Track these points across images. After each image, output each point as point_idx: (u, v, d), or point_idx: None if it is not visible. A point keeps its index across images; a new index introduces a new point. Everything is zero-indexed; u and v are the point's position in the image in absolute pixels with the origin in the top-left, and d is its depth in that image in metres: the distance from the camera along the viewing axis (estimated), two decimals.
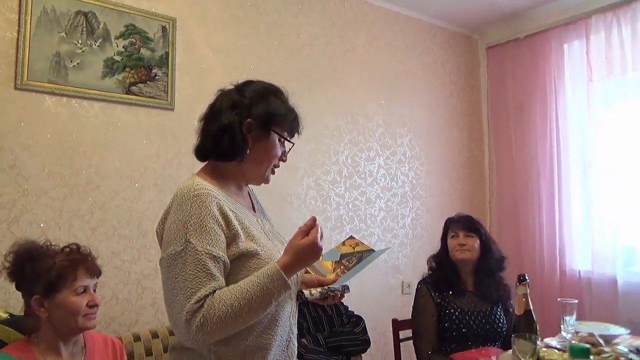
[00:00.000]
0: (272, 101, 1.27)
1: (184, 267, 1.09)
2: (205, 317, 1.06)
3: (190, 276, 1.08)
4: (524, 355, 1.50)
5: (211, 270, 1.10)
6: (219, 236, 1.13)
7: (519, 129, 3.52)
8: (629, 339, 1.99)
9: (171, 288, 1.10)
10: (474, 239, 2.28)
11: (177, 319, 1.08)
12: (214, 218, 1.13)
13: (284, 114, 1.27)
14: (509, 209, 3.59)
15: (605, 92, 3.08)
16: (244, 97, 1.25)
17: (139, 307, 2.27)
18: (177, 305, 1.08)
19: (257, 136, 1.24)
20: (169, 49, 2.36)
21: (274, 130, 1.26)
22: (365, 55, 3.22)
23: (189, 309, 1.06)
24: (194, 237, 1.09)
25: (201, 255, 1.09)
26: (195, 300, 1.06)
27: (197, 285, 1.08)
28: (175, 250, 1.10)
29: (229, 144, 1.21)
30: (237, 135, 1.21)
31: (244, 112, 1.23)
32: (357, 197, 3.13)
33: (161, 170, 2.38)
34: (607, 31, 3.04)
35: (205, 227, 1.11)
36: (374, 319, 3.12)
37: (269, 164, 1.29)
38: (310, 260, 1.18)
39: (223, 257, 1.13)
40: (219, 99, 1.29)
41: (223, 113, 1.23)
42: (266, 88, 1.30)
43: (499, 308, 2.26)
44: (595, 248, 3.07)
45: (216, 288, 1.10)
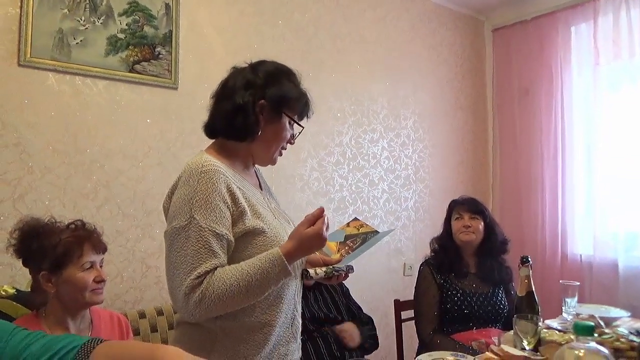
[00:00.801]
0: (286, 84, 1.26)
1: (186, 242, 1.10)
2: (203, 294, 1.07)
3: (192, 252, 1.09)
4: (525, 336, 1.52)
5: (213, 247, 1.10)
6: (224, 213, 1.13)
7: (524, 112, 3.50)
8: (629, 321, 2.00)
9: (172, 262, 1.12)
10: (479, 221, 2.29)
11: (176, 292, 1.10)
12: (220, 195, 1.13)
13: (297, 97, 1.27)
14: (512, 193, 3.59)
15: (611, 76, 3.05)
16: (258, 77, 1.25)
17: (143, 285, 2.29)
18: (177, 279, 1.09)
19: (268, 118, 1.24)
20: (172, 27, 2.33)
21: (285, 113, 1.26)
22: (370, 36, 3.19)
23: (188, 284, 1.07)
24: (199, 213, 1.10)
25: (204, 232, 1.10)
26: (195, 276, 1.07)
27: (197, 261, 1.08)
28: (179, 225, 1.11)
29: (241, 124, 1.21)
30: (250, 115, 1.22)
31: (258, 93, 1.23)
32: (360, 179, 3.13)
33: (165, 149, 2.37)
34: (615, 13, 3.00)
35: (211, 204, 1.11)
36: (376, 300, 3.15)
37: (277, 146, 1.29)
38: (313, 249, 1.20)
39: (227, 235, 1.13)
40: (232, 77, 1.28)
41: (237, 92, 1.23)
42: (280, 69, 1.29)
43: (500, 290, 2.27)
44: (597, 232, 3.08)
45: (217, 265, 1.11)
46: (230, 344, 1.16)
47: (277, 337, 1.22)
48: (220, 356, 1.16)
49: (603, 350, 0.88)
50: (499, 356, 1.26)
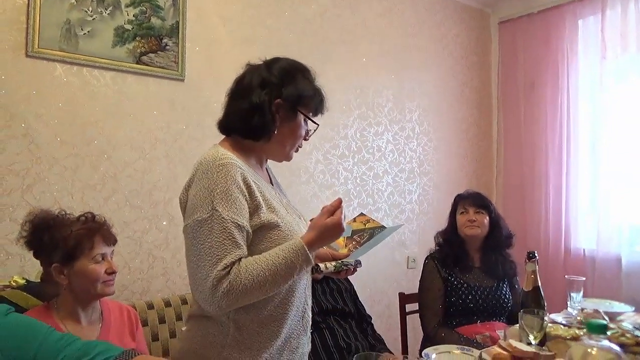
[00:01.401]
0: (301, 81, 1.26)
1: (210, 234, 1.10)
2: (231, 284, 1.08)
3: (217, 243, 1.10)
4: (532, 331, 1.53)
5: (236, 238, 1.11)
6: (243, 205, 1.14)
7: (529, 106, 3.49)
8: (633, 316, 2.01)
9: (196, 254, 1.12)
10: (484, 216, 2.30)
11: (202, 284, 1.10)
12: (238, 187, 1.14)
13: (312, 95, 1.27)
14: (516, 187, 3.59)
15: (618, 70, 3.03)
16: (274, 75, 1.25)
17: (150, 276, 2.30)
18: (203, 271, 1.10)
19: (284, 116, 1.25)
20: (179, 19, 2.33)
21: (301, 111, 1.26)
22: (376, 28, 3.18)
23: (216, 275, 1.08)
24: (220, 205, 1.11)
25: (227, 223, 1.10)
26: (222, 267, 1.08)
27: (223, 252, 1.09)
28: (201, 217, 1.11)
29: (258, 124, 1.22)
30: (267, 115, 1.22)
31: (275, 92, 1.23)
32: (365, 172, 3.13)
33: (171, 141, 2.37)
34: (623, 6, 2.98)
35: (231, 196, 1.12)
36: (379, 292, 3.17)
37: (293, 143, 1.30)
38: (332, 238, 1.22)
39: (247, 227, 1.15)
40: (247, 75, 1.28)
41: (253, 91, 1.23)
42: (295, 67, 1.29)
43: (504, 284, 2.29)
44: (601, 227, 3.09)
45: (241, 256, 1.12)
46: (243, 337, 1.17)
47: (289, 330, 1.23)
48: (233, 350, 1.17)
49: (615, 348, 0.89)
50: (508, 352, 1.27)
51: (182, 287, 2.37)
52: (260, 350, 1.18)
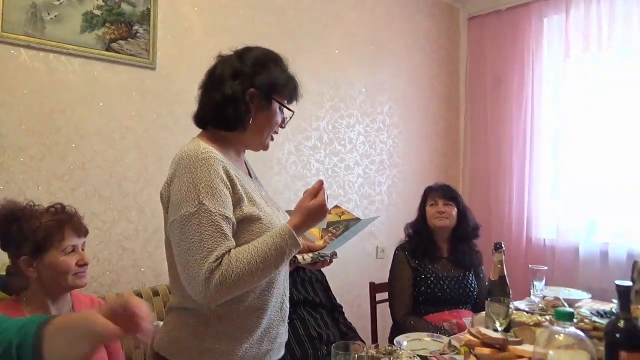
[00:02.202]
0: (273, 69, 1.26)
1: (199, 227, 1.10)
2: (224, 275, 1.08)
3: (206, 236, 1.10)
4: (498, 318, 1.61)
5: (225, 230, 1.12)
6: (227, 198, 1.15)
7: (495, 101, 3.59)
8: (590, 303, 2.14)
9: (186, 249, 1.11)
10: (452, 207, 2.37)
11: (194, 277, 1.10)
12: (222, 180, 1.14)
13: (285, 82, 1.28)
14: (482, 179, 3.70)
15: (580, 68, 3.15)
16: (246, 65, 1.24)
17: (119, 268, 2.26)
18: (194, 264, 1.10)
19: (259, 105, 1.25)
20: (150, 5, 2.27)
21: (275, 99, 1.27)
22: (349, 21, 3.19)
23: (208, 267, 1.08)
24: (207, 199, 1.11)
25: (215, 216, 1.11)
26: (213, 259, 1.09)
27: (213, 245, 1.10)
28: (188, 212, 1.11)
29: (232, 114, 1.22)
30: (241, 105, 1.22)
31: (247, 82, 1.23)
32: (336, 164, 3.16)
33: (142, 131, 2.33)
34: (586, 7, 3.09)
35: (216, 189, 1.13)
36: (349, 282, 3.21)
37: (269, 131, 1.30)
38: (317, 220, 1.24)
39: (233, 218, 1.16)
40: (218, 66, 1.27)
41: (226, 82, 1.23)
42: (267, 55, 1.29)
43: (471, 273, 2.37)
44: (561, 218, 3.23)
45: (230, 247, 1.13)
46: (223, 328, 1.18)
47: (269, 320, 1.25)
48: (214, 340, 1.18)
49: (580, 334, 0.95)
50: (478, 338, 1.33)
51: (153, 279, 2.35)
52: (240, 340, 1.19)
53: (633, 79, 2.92)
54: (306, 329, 2.07)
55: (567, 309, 0.97)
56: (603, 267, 3.03)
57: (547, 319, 1.79)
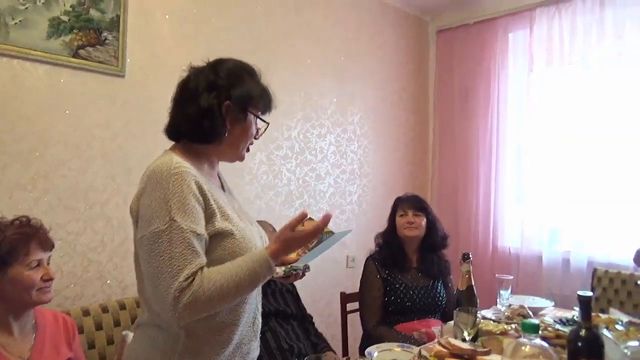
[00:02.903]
0: (248, 82, 1.26)
1: (169, 245, 1.08)
2: (194, 295, 1.07)
3: (177, 254, 1.08)
4: (466, 327, 1.64)
5: (196, 247, 1.10)
6: (200, 214, 1.13)
7: (463, 112, 3.68)
8: (553, 311, 2.21)
9: (156, 266, 1.09)
10: (422, 218, 2.41)
11: (163, 295, 1.07)
12: (194, 196, 1.13)
13: (260, 94, 1.28)
14: (449, 189, 3.77)
15: (543, 82, 3.27)
16: (220, 77, 1.23)
17: (84, 281, 2.20)
18: (164, 282, 1.07)
19: (234, 118, 1.24)
20: (120, 12, 2.23)
21: (250, 111, 1.26)
22: (320, 32, 3.22)
23: (178, 287, 1.06)
24: (178, 215, 1.09)
25: (186, 233, 1.09)
26: (183, 278, 1.07)
27: (184, 263, 1.08)
28: (158, 229, 1.09)
29: (208, 128, 1.20)
30: (217, 118, 1.21)
31: (223, 94, 1.22)
32: (307, 173, 3.17)
33: (110, 140, 2.28)
34: (549, 23, 3.21)
35: (188, 205, 1.11)
36: (319, 291, 3.22)
37: (245, 143, 1.30)
38: (294, 250, 1.24)
39: (204, 235, 1.14)
40: (192, 78, 1.26)
41: (201, 95, 1.21)
42: (241, 67, 1.28)
43: (439, 283, 2.41)
44: (525, 227, 3.32)
45: (202, 265, 1.11)
46: (194, 345, 1.16)
47: (240, 337, 1.23)
48: (184, 357, 1.16)
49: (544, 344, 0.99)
50: (448, 349, 1.35)
51: (119, 291, 2.30)
52: (211, 357, 1.18)
53: (592, 93, 3.05)
54: (277, 341, 2.06)
55: (533, 321, 1.00)
56: (565, 274, 3.14)
57: (513, 328, 1.84)
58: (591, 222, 3.05)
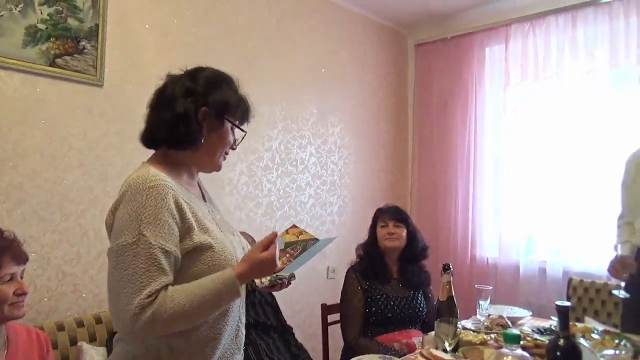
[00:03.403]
0: (226, 90, 1.26)
1: (134, 259, 1.06)
2: (155, 314, 1.04)
3: (142, 269, 1.06)
4: (447, 338, 1.65)
5: (163, 264, 1.08)
6: (172, 230, 1.11)
7: (441, 125, 3.73)
8: (531, 320, 2.24)
9: (118, 280, 1.07)
10: (402, 229, 2.42)
11: (122, 311, 1.05)
12: (169, 211, 1.11)
13: (238, 103, 1.27)
14: (428, 199, 3.81)
15: (519, 96, 3.35)
16: (198, 84, 1.23)
17: (59, 294, 2.14)
18: (125, 298, 1.05)
19: (211, 125, 1.23)
20: (99, 21, 2.21)
21: (227, 119, 1.26)
22: (302, 43, 3.24)
23: (139, 303, 1.04)
24: (148, 230, 1.07)
25: (154, 249, 1.07)
26: (146, 295, 1.04)
27: (147, 279, 1.05)
28: (126, 242, 1.07)
29: (184, 133, 1.19)
30: (193, 124, 1.20)
31: (200, 100, 1.21)
32: (288, 184, 3.16)
33: (87, 150, 2.24)
34: (523, 40, 3.30)
35: (160, 220, 1.09)
36: (300, 302, 3.20)
37: (222, 151, 1.29)
38: (265, 273, 1.22)
39: (175, 252, 1.11)
40: (169, 85, 1.25)
41: (177, 101, 1.20)
42: (219, 76, 1.28)
43: (419, 293, 2.42)
44: (503, 237, 3.38)
45: (167, 283, 1.09)
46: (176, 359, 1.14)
47: (223, 350, 1.21)
48: None
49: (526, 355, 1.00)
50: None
51: (95, 305, 2.24)
52: None
53: (566, 108, 3.14)
54: (258, 354, 2.04)
55: (514, 332, 1.02)
56: (541, 284, 3.19)
57: (493, 338, 1.86)
58: (566, 233, 3.12)
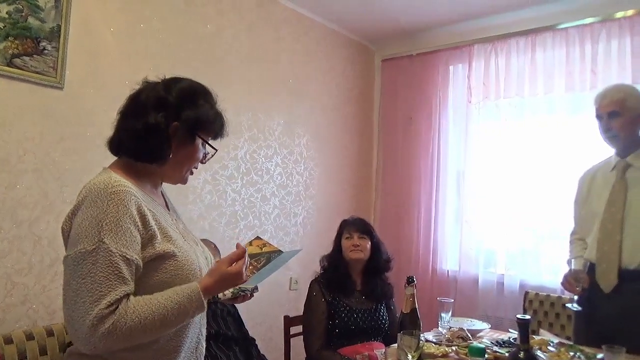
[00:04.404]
0: (202, 105, 1.23)
1: (93, 267, 1.02)
2: (114, 325, 1.00)
3: (101, 278, 1.01)
4: (410, 350, 1.66)
5: (123, 273, 1.04)
6: (134, 237, 1.07)
7: (406, 139, 3.80)
8: (490, 333, 2.29)
9: (75, 289, 1.02)
10: (367, 241, 2.44)
11: (79, 322, 1.01)
12: (131, 218, 1.07)
13: (213, 120, 1.25)
14: (392, 212, 3.86)
15: (480, 113, 3.46)
16: (172, 96, 1.20)
17: (6, 305, 2.03)
18: (82, 308, 1.01)
19: (181, 140, 1.20)
20: (61, 22, 2.14)
21: (200, 136, 1.23)
22: (270, 54, 3.24)
23: (97, 314, 0.99)
24: (109, 237, 1.03)
25: (114, 257, 1.03)
26: (105, 305, 1.00)
27: (107, 289, 1.01)
28: (85, 249, 1.02)
29: (152, 146, 1.16)
30: (163, 138, 1.17)
31: (172, 114, 1.18)
32: (253, 194, 3.13)
33: (43, 154, 2.15)
34: (486, 60, 3.42)
35: (122, 227, 1.05)
36: (262, 314, 3.16)
37: (189, 166, 1.26)
38: (230, 287, 1.20)
39: (136, 260, 1.08)
40: (143, 93, 1.21)
41: (149, 111, 1.17)
42: (196, 89, 1.25)
43: (382, 305, 2.44)
44: (463, 250, 3.45)
45: (127, 292, 1.05)
46: None
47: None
48: None
49: None
50: None
51: (46, 317, 2.14)
52: None
53: (524, 126, 3.26)
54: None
55: (479, 346, 1.03)
56: (499, 297, 3.28)
57: (454, 350, 1.88)
58: (523, 247, 3.22)
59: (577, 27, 3.07)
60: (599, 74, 2.98)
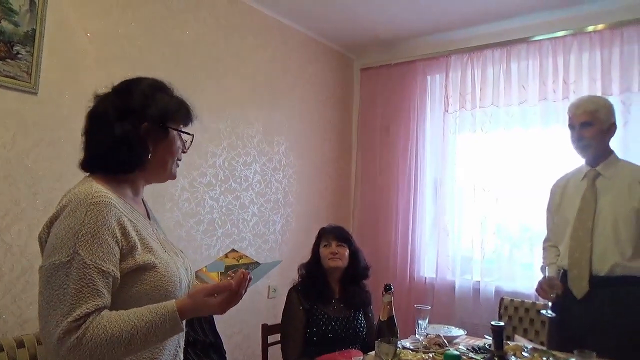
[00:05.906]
0: (161, 98, 1.22)
1: (66, 279, 1.00)
2: (80, 340, 0.98)
3: (72, 290, 1.00)
4: (387, 357, 1.67)
5: (97, 285, 1.02)
6: (112, 249, 1.06)
7: (384, 147, 3.84)
8: (466, 339, 2.32)
9: (47, 301, 1.01)
10: (345, 249, 2.45)
11: (48, 334, 0.99)
12: (109, 229, 1.05)
13: (177, 108, 1.25)
14: (370, 220, 3.89)
15: (457, 122, 3.52)
16: (131, 101, 1.18)
17: None
18: (52, 320, 0.99)
19: (156, 138, 1.20)
20: (36, 26, 2.10)
21: (171, 127, 1.23)
22: (249, 61, 3.24)
23: (65, 327, 0.98)
24: (84, 249, 1.01)
25: (89, 269, 1.01)
26: (73, 318, 0.98)
27: (78, 302, 1.00)
28: (59, 260, 1.01)
29: (128, 156, 1.15)
30: (136, 144, 1.16)
31: (138, 118, 1.17)
32: (231, 202, 3.12)
33: (16, 160, 2.10)
34: (462, 70, 3.49)
35: (99, 239, 1.03)
36: (239, 322, 3.13)
37: (172, 160, 1.26)
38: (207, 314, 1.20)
39: (113, 272, 1.06)
40: (100, 107, 1.19)
41: (114, 124, 1.15)
42: (152, 85, 1.24)
43: (360, 313, 2.45)
44: (440, 257, 3.50)
45: (100, 306, 1.03)
46: None
47: None
48: None
49: None
50: None
51: (16, 327, 2.08)
52: None
53: (500, 135, 3.33)
54: None
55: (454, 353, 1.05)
56: (475, 303, 3.32)
57: (431, 357, 1.90)
58: (498, 253, 3.28)
59: (550, 39, 3.17)
60: (571, 85, 3.08)
